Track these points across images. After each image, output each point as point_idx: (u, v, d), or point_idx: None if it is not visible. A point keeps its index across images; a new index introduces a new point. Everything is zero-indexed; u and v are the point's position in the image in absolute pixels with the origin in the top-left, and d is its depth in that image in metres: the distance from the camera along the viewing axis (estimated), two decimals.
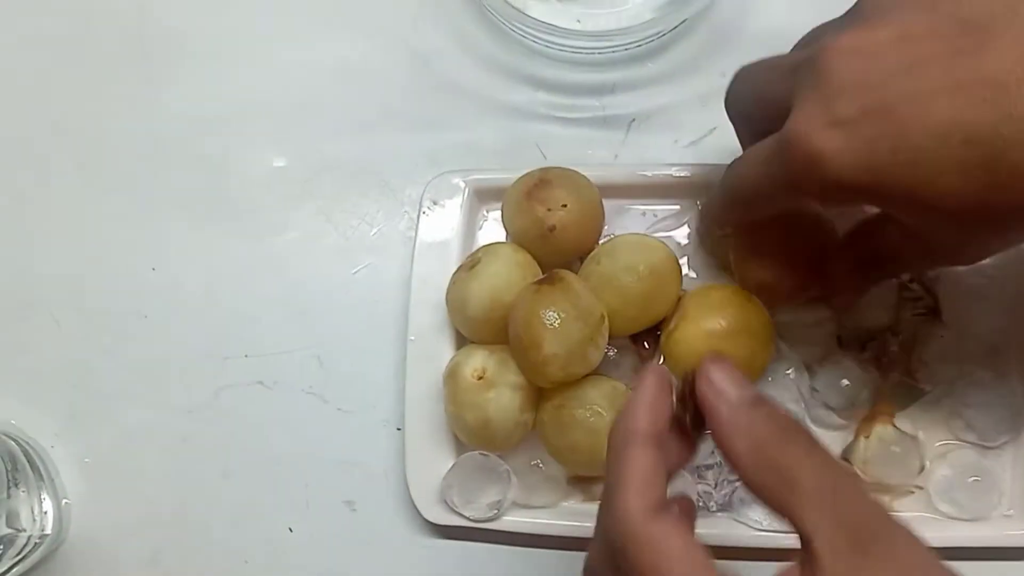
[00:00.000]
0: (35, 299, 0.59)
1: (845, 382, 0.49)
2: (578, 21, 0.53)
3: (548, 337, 0.46)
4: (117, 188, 0.60)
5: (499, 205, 0.53)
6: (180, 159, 0.59)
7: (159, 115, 0.60)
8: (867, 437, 0.49)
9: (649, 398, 0.37)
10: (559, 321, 0.46)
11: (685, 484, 0.49)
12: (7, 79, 0.62)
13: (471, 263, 0.50)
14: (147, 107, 0.60)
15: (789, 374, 0.50)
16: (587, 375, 0.48)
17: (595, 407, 0.47)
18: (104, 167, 0.60)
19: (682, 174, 0.52)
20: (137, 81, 0.61)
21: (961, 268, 0.50)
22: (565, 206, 0.49)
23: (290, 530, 0.55)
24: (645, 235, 0.51)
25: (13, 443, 0.56)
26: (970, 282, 0.50)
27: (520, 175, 0.51)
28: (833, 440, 0.50)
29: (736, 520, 0.49)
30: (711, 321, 0.47)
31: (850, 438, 0.50)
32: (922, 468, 0.49)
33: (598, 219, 0.51)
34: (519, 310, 0.47)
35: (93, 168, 0.60)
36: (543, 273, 0.50)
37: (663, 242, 0.50)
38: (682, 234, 0.53)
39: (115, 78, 0.61)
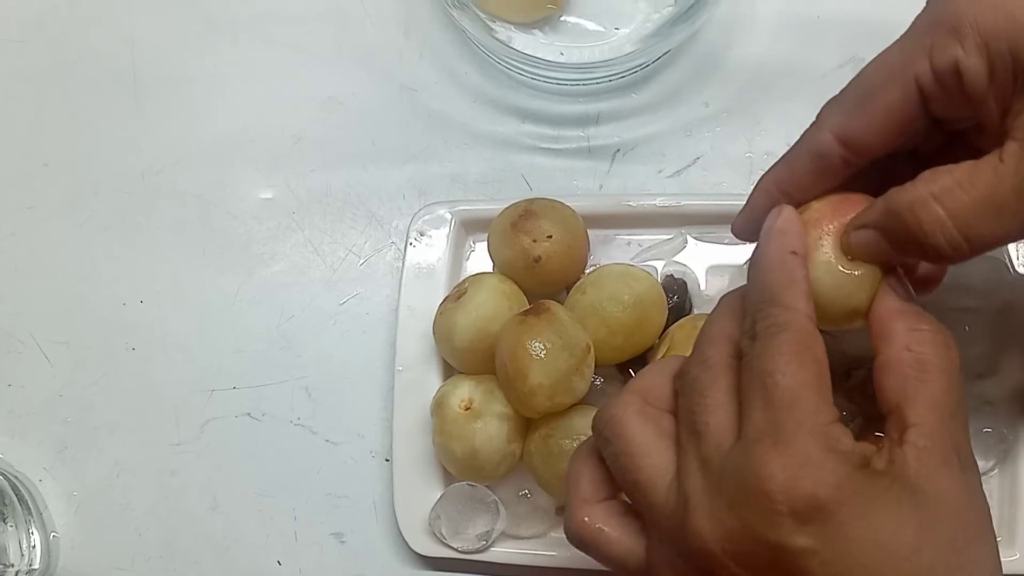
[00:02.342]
0: (23, 333, 0.59)
1: None
2: (561, 54, 0.54)
3: (534, 367, 0.46)
4: (104, 221, 0.60)
5: (485, 236, 0.53)
6: (167, 192, 0.60)
7: (146, 148, 0.60)
8: None
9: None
10: (545, 352, 0.46)
11: None
12: None
13: (458, 293, 0.51)
14: (134, 140, 0.61)
15: None
16: (574, 405, 0.48)
17: (582, 437, 0.47)
18: (91, 200, 0.60)
19: (667, 203, 0.53)
20: (125, 115, 0.61)
21: (945, 296, 0.50)
22: (550, 237, 0.50)
23: (279, 563, 0.55)
24: (630, 265, 0.51)
25: (1, 477, 0.56)
26: (954, 310, 0.50)
27: (506, 206, 0.52)
28: None
29: None
30: None
31: None
32: None
33: (583, 249, 0.51)
34: (505, 341, 0.47)
35: (80, 201, 0.60)
36: (529, 303, 0.50)
37: (648, 272, 0.50)
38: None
39: (103, 112, 0.61)
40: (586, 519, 0.37)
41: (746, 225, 0.39)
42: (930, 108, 0.35)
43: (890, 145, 0.36)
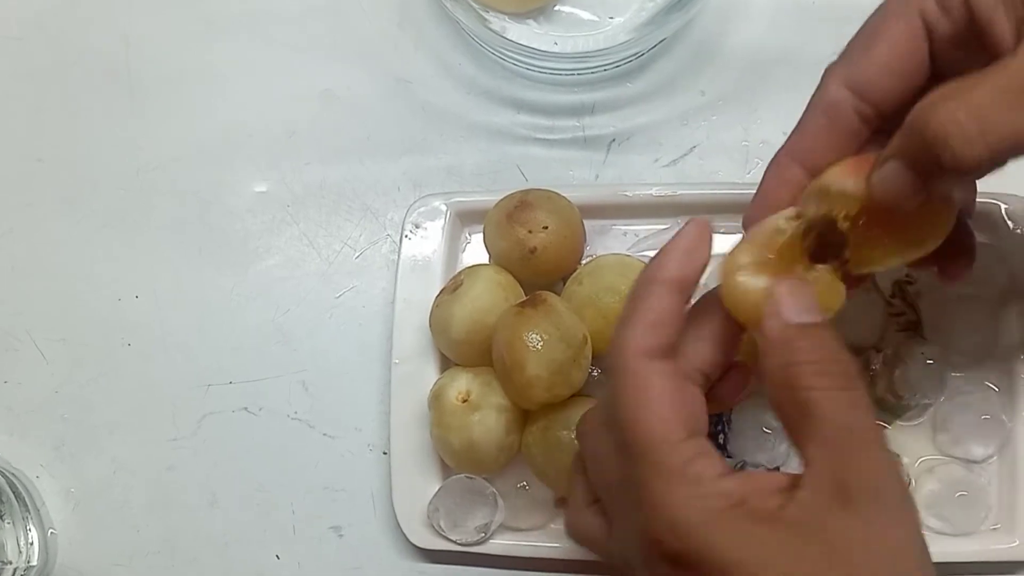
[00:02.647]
0: (20, 330, 0.59)
1: None
2: (556, 44, 0.54)
3: (531, 359, 0.46)
4: (101, 218, 0.60)
5: (481, 227, 0.53)
6: (162, 187, 0.59)
7: (142, 144, 0.60)
8: None
9: (685, 246, 0.35)
10: (542, 343, 0.46)
11: None
12: None
13: (453, 285, 0.50)
14: (130, 136, 0.60)
15: None
16: (572, 396, 0.48)
17: None
18: (88, 197, 0.60)
19: (663, 193, 0.52)
20: (121, 111, 0.61)
21: (943, 284, 0.50)
22: (546, 228, 0.49)
23: (277, 557, 0.55)
24: (626, 255, 0.51)
25: None
26: (952, 298, 0.50)
27: (501, 197, 0.51)
28: None
29: None
30: None
31: None
32: (908, 484, 0.49)
33: (579, 240, 0.51)
34: (502, 333, 0.47)
35: (77, 198, 0.60)
36: (526, 294, 0.50)
37: (644, 262, 0.50)
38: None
39: (100, 109, 0.61)
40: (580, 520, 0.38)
41: (760, 209, 0.38)
42: (935, 44, 0.35)
43: (900, 89, 0.36)
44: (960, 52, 0.35)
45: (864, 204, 0.35)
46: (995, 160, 0.32)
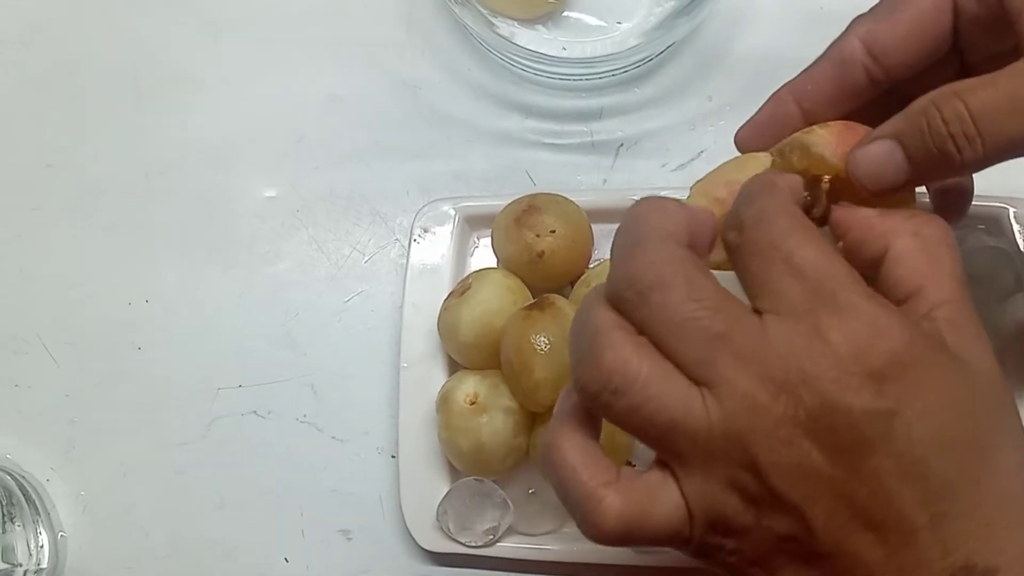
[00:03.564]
0: (29, 334, 0.59)
1: None
2: (564, 49, 0.54)
3: (539, 362, 0.46)
4: (109, 222, 0.60)
5: (489, 232, 0.53)
6: (172, 191, 0.60)
7: (150, 148, 0.60)
8: None
9: (692, 212, 0.33)
10: (550, 346, 0.46)
11: None
12: (2, 116, 0.62)
13: (462, 289, 0.51)
14: (138, 141, 0.61)
15: None
16: None
17: None
18: (96, 201, 0.60)
19: (671, 198, 0.52)
20: (129, 116, 0.61)
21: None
22: (554, 232, 0.50)
23: (286, 560, 0.55)
24: None
25: (9, 477, 0.56)
26: None
27: (509, 202, 0.52)
28: None
29: None
30: None
31: None
32: None
33: (587, 244, 0.51)
34: (510, 336, 0.47)
35: (84, 202, 0.60)
36: (533, 298, 0.50)
37: None
38: None
39: (107, 114, 0.61)
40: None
41: (751, 134, 0.39)
42: (961, 21, 0.35)
43: (916, 60, 0.36)
44: (985, 36, 0.35)
45: (837, 175, 0.35)
46: (989, 162, 0.32)
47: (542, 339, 0.46)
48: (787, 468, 0.29)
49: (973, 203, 0.49)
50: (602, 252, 0.53)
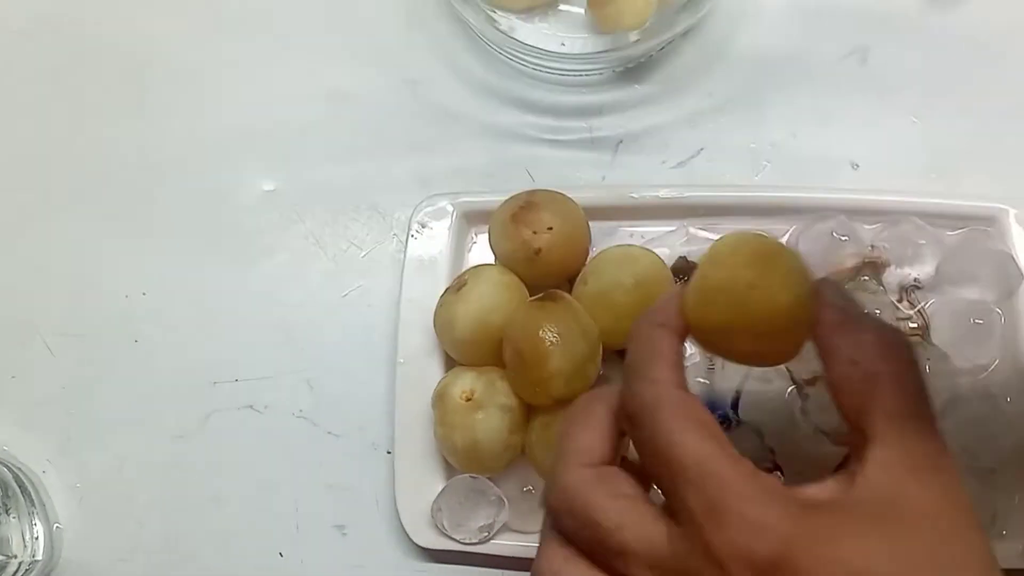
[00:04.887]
0: (26, 325, 0.59)
1: None
2: (563, 44, 0.54)
3: (554, 353, 0.46)
4: (108, 214, 0.60)
5: (487, 227, 0.53)
6: (170, 185, 0.60)
7: (149, 141, 0.60)
8: None
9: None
10: (563, 338, 0.46)
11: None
12: (3, 108, 0.62)
13: (458, 285, 0.50)
14: (138, 134, 0.61)
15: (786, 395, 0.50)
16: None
17: None
18: (95, 193, 0.60)
19: (670, 195, 0.52)
20: (129, 109, 0.61)
21: (950, 289, 0.50)
22: (551, 229, 0.49)
23: (280, 555, 0.55)
24: (629, 245, 0.51)
25: (4, 469, 0.56)
26: (961, 301, 0.49)
27: (507, 198, 0.51)
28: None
29: None
30: None
31: None
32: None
33: (584, 241, 0.51)
34: (519, 328, 0.47)
35: (84, 194, 0.60)
36: (530, 295, 0.50)
37: (649, 249, 0.50)
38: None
39: (108, 106, 0.61)
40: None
41: None
42: None
43: None
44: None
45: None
46: None
47: (556, 330, 0.46)
48: None
49: (973, 203, 0.50)
50: (599, 249, 0.53)
